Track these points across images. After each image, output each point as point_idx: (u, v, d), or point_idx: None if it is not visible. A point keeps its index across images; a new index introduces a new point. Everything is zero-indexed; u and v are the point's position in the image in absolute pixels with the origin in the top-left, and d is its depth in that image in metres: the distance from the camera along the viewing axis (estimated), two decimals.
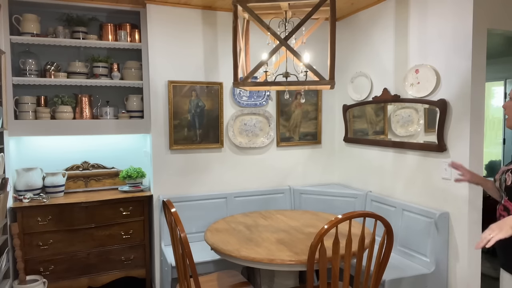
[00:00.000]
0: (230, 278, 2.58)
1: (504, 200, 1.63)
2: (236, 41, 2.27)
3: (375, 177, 3.31)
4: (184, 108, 3.26)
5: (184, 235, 1.99)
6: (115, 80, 3.27)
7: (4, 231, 2.72)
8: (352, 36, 3.53)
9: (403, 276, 2.55)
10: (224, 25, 3.35)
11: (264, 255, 2.10)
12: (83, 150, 3.43)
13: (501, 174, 1.70)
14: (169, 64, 3.22)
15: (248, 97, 3.47)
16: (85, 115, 3.21)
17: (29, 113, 3.06)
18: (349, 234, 1.93)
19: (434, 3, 2.68)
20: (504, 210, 1.64)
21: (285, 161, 3.66)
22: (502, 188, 1.65)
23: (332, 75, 2.15)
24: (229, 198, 3.38)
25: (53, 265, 2.98)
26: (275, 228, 2.59)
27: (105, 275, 3.14)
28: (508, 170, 1.63)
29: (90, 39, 3.20)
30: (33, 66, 3.07)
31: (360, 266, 2.02)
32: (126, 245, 3.19)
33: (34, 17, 3.06)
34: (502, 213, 1.65)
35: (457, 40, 2.51)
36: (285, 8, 2.25)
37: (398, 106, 3.05)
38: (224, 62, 3.37)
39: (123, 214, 3.17)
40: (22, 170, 3.09)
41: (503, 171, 1.70)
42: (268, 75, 2.28)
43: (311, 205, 3.47)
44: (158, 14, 3.16)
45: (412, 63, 2.86)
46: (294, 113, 3.66)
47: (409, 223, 2.82)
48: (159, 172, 3.25)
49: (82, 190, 3.38)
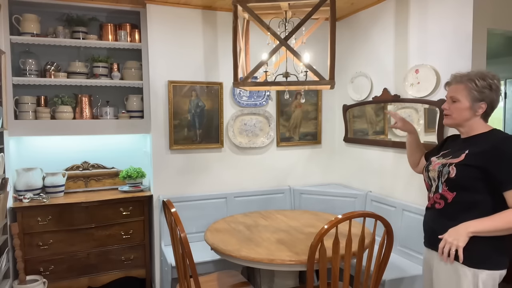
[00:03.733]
0: (230, 278, 2.58)
1: (442, 190, 1.76)
2: (236, 41, 2.27)
3: (375, 177, 3.31)
4: (184, 108, 3.26)
5: (184, 235, 1.99)
6: (115, 80, 3.27)
7: (4, 231, 2.72)
8: (352, 36, 3.53)
9: (403, 276, 2.55)
10: (224, 25, 3.35)
11: (264, 255, 2.10)
12: (83, 150, 3.43)
13: (441, 166, 1.78)
14: (169, 64, 3.22)
15: (248, 97, 3.47)
16: (85, 115, 3.21)
17: (29, 113, 3.06)
18: (349, 234, 1.93)
19: (434, 3, 2.68)
20: (440, 198, 1.78)
21: (285, 161, 3.66)
22: (442, 179, 1.76)
23: (332, 75, 2.16)
24: (229, 198, 3.38)
25: (53, 265, 2.98)
26: (275, 228, 2.59)
27: (105, 275, 3.14)
28: (451, 163, 1.73)
29: (90, 39, 3.20)
30: (33, 66, 3.07)
31: (360, 266, 2.02)
32: (126, 245, 3.19)
33: (34, 17, 3.06)
34: (438, 200, 1.79)
35: (457, 40, 2.51)
36: (285, 8, 2.25)
37: (398, 106, 3.05)
38: (224, 62, 3.37)
39: (123, 214, 3.17)
40: (22, 170, 3.09)
41: (443, 163, 1.78)
42: (268, 75, 2.28)
43: (311, 205, 3.47)
44: (158, 14, 3.16)
45: (412, 63, 2.86)
46: (294, 113, 3.66)
47: (409, 223, 2.82)
48: (159, 172, 3.25)
49: (82, 190, 3.38)
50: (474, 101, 1.73)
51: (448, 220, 1.73)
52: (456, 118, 1.79)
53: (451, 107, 1.80)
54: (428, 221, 1.88)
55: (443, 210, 1.77)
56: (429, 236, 1.87)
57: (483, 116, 1.77)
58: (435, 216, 1.81)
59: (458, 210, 1.72)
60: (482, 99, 1.72)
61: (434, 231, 1.79)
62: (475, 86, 1.71)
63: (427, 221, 1.89)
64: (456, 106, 1.78)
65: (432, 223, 1.84)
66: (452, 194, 1.73)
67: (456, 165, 1.72)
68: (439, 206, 1.79)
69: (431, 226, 1.84)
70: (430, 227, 1.85)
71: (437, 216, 1.80)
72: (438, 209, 1.79)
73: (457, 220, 1.69)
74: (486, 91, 1.71)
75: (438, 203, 1.79)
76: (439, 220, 1.78)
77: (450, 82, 1.84)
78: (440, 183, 1.79)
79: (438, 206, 1.79)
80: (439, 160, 1.85)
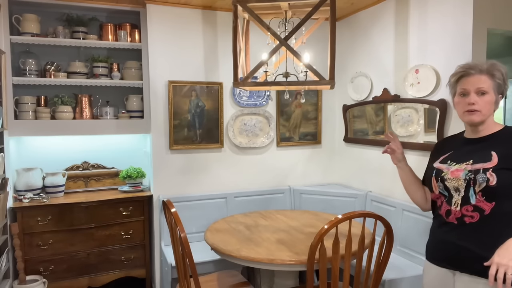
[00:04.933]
0: (230, 278, 2.58)
1: (477, 200, 1.53)
2: (236, 41, 2.27)
3: (375, 177, 3.31)
4: (184, 108, 3.26)
5: (184, 235, 1.99)
6: (115, 80, 3.27)
7: (4, 231, 2.72)
8: (352, 36, 3.53)
9: (403, 276, 2.55)
10: (224, 25, 3.35)
11: (264, 255, 2.10)
12: (83, 150, 3.43)
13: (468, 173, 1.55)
14: (169, 64, 3.22)
15: (248, 97, 3.47)
16: (85, 115, 3.21)
17: (29, 113, 3.06)
18: (349, 234, 1.93)
19: (434, 3, 2.68)
20: (474, 210, 1.54)
21: (285, 161, 3.66)
22: (477, 188, 1.52)
23: (332, 75, 2.16)
24: (229, 198, 3.38)
25: (53, 265, 2.98)
26: (275, 228, 2.59)
27: (105, 275, 3.14)
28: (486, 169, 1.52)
29: (90, 39, 3.20)
30: (33, 66, 3.07)
31: (360, 266, 2.02)
32: (126, 245, 3.19)
33: (34, 17, 3.06)
34: (471, 213, 1.54)
35: (457, 40, 2.51)
36: (285, 8, 2.25)
37: (398, 106, 3.05)
38: (224, 62, 3.37)
39: (123, 214, 3.17)
40: (22, 170, 3.09)
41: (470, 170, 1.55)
42: (268, 75, 2.28)
43: (311, 205, 3.46)
44: (158, 14, 3.16)
45: (412, 63, 2.86)
46: (294, 113, 3.66)
47: (409, 223, 2.82)
48: (159, 172, 3.25)
49: (82, 190, 3.38)
50: (499, 93, 1.56)
51: (487, 236, 1.49)
52: (486, 114, 1.56)
53: (479, 101, 1.55)
54: (452, 238, 1.59)
55: (478, 225, 1.52)
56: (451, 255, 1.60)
57: None
58: (465, 232, 1.55)
59: (499, 223, 1.49)
60: (502, 92, 1.57)
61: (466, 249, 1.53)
62: (501, 76, 1.54)
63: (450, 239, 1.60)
64: (485, 99, 1.55)
65: (460, 241, 1.56)
66: (491, 204, 1.50)
67: (494, 170, 1.49)
68: (472, 220, 1.53)
69: (459, 244, 1.57)
70: (457, 245, 1.57)
71: (469, 232, 1.54)
72: (471, 224, 1.54)
73: (500, 236, 1.46)
74: (503, 83, 1.56)
75: (470, 217, 1.54)
76: (473, 236, 1.52)
77: (468, 72, 1.59)
78: (472, 193, 1.54)
79: (470, 220, 1.54)
80: (456, 166, 1.61)
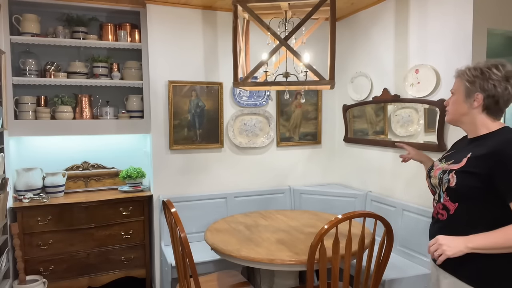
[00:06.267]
0: (230, 278, 2.58)
1: (444, 199, 1.59)
2: (236, 41, 2.27)
3: (375, 177, 3.31)
4: (184, 108, 3.26)
5: (184, 235, 1.99)
6: (115, 80, 3.27)
7: (4, 231, 2.72)
8: (352, 36, 3.53)
9: (403, 276, 2.55)
10: (224, 25, 3.35)
11: (264, 255, 2.10)
12: (83, 150, 3.43)
13: (441, 172, 1.62)
14: (169, 64, 3.22)
15: (248, 97, 3.47)
16: (85, 115, 3.21)
17: (29, 113, 3.06)
18: (349, 234, 1.93)
19: (434, 3, 2.68)
20: (443, 209, 1.60)
21: (285, 161, 3.66)
22: (443, 187, 1.60)
23: (332, 75, 2.16)
24: (229, 198, 3.38)
25: (53, 265, 2.98)
26: (275, 228, 2.59)
27: (105, 275, 3.14)
28: (451, 170, 1.57)
29: (90, 39, 3.20)
30: (33, 66, 3.07)
31: (360, 266, 2.02)
32: (126, 245, 3.19)
33: (34, 17, 3.06)
34: (441, 211, 1.61)
35: (457, 40, 2.51)
36: (285, 8, 2.25)
37: (398, 106, 3.05)
38: (224, 62, 3.37)
39: (123, 214, 3.17)
40: (22, 170, 3.09)
41: (444, 170, 1.62)
42: (268, 75, 2.28)
43: (311, 205, 3.46)
44: (158, 14, 3.16)
45: (412, 63, 2.86)
46: (294, 113, 3.66)
47: (409, 223, 2.82)
48: (159, 172, 3.25)
49: (82, 190, 3.38)
50: (467, 92, 1.57)
51: (453, 234, 1.51)
52: (452, 113, 1.65)
53: (449, 101, 1.67)
54: (432, 232, 1.68)
55: (446, 223, 1.59)
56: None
57: (490, 112, 1.56)
58: (438, 228, 1.63)
59: (462, 223, 1.52)
60: (476, 90, 1.54)
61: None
62: (466, 76, 1.57)
63: (432, 232, 1.69)
64: (451, 99, 1.65)
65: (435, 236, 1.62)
66: (454, 205, 1.54)
67: (457, 172, 1.53)
68: (442, 218, 1.61)
69: None
70: None
71: (441, 228, 1.61)
72: (442, 221, 1.61)
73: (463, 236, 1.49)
74: (478, 80, 1.53)
75: (441, 214, 1.62)
76: (443, 233, 1.56)
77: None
78: (442, 192, 1.61)
79: (441, 217, 1.61)
80: (441, 165, 1.67)
